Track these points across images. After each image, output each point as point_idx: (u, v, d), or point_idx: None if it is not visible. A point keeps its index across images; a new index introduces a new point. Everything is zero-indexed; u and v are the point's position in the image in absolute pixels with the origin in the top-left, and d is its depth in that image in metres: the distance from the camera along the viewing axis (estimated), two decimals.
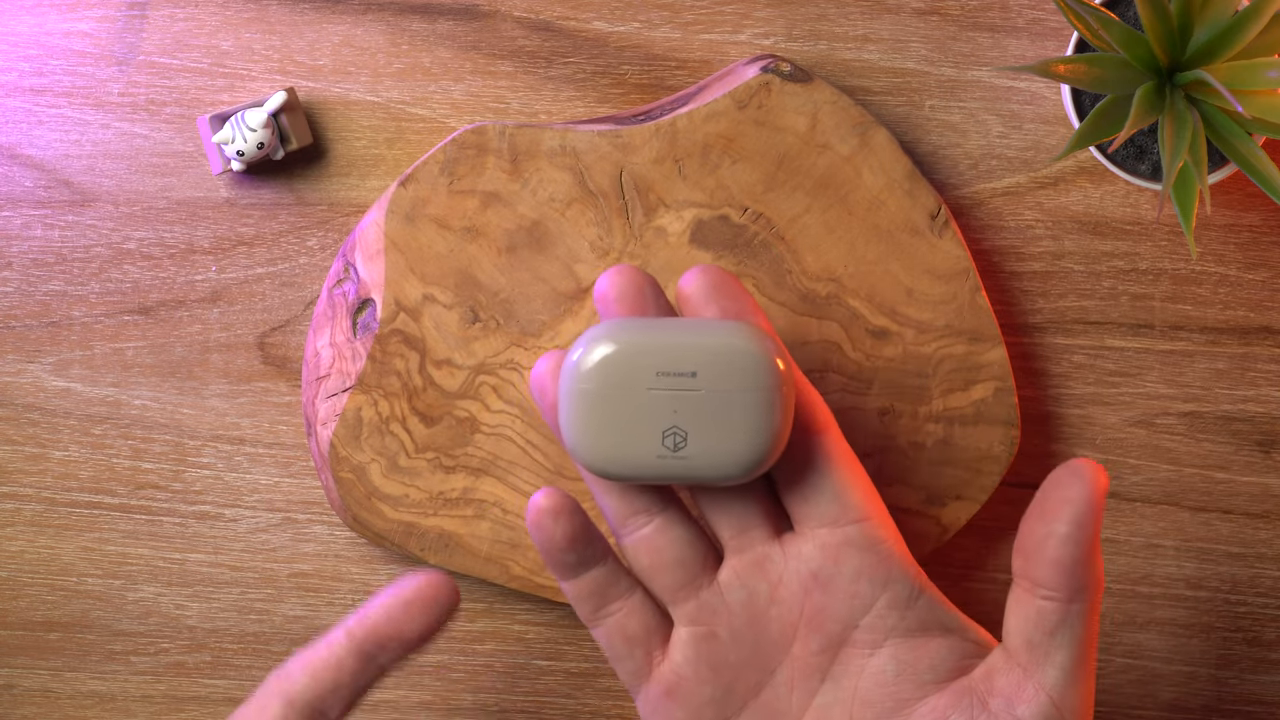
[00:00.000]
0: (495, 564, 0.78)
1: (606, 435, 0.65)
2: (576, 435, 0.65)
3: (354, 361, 0.77)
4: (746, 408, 0.65)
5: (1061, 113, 0.79)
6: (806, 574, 0.66)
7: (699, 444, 0.65)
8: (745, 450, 0.65)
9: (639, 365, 0.65)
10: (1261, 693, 0.81)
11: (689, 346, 0.65)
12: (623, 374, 0.65)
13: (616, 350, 0.65)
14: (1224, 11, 0.70)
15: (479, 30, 0.80)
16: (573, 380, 0.65)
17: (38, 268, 0.81)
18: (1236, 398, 0.80)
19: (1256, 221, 0.79)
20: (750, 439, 0.65)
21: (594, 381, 0.65)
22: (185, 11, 0.80)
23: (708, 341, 0.65)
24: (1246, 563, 0.81)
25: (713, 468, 0.65)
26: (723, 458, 0.65)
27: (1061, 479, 0.63)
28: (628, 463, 0.65)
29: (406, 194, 0.77)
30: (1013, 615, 0.64)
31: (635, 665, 0.68)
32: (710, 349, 0.65)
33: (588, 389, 0.65)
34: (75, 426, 0.82)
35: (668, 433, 0.65)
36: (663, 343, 0.65)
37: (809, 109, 0.76)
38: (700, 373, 0.65)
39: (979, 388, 0.77)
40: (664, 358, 0.65)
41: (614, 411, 0.65)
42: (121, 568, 0.83)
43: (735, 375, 0.65)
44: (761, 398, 0.65)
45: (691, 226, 0.76)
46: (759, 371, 0.64)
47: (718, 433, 0.65)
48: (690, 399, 0.65)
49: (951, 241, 0.76)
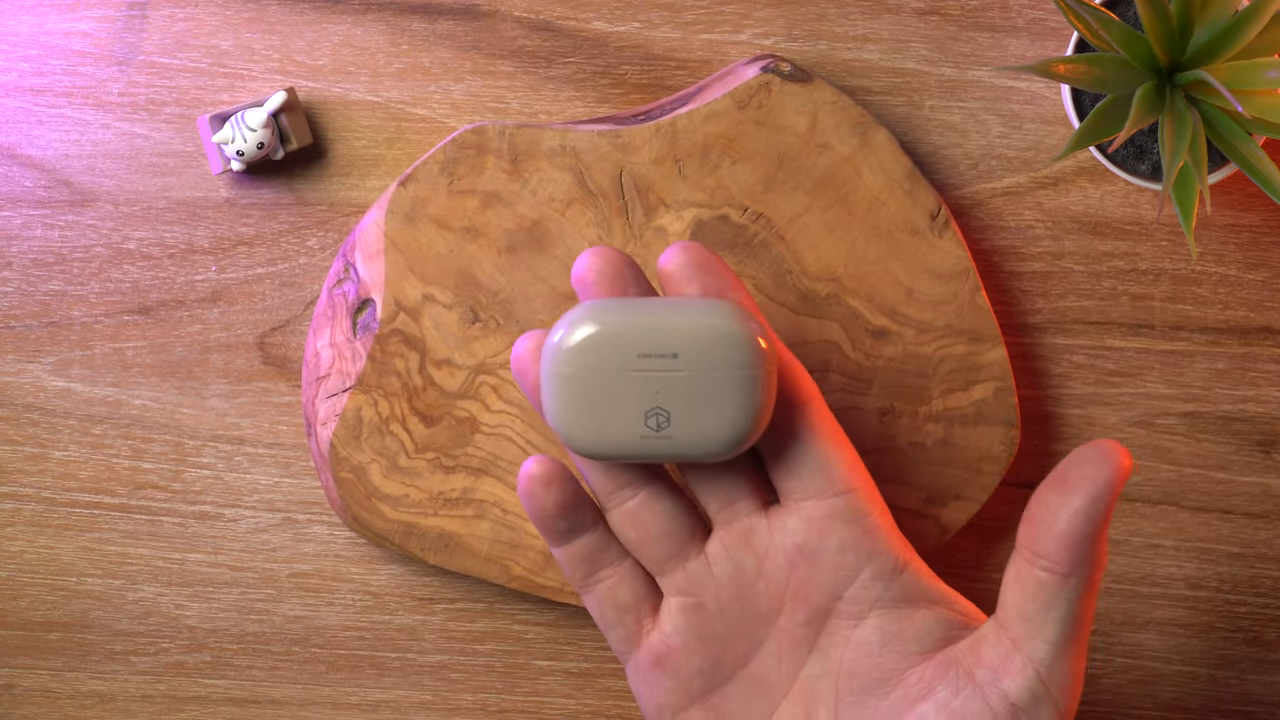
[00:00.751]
0: (495, 564, 0.78)
1: (589, 416, 0.65)
2: (559, 416, 0.66)
3: (354, 361, 0.77)
4: (729, 386, 0.65)
5: (1061, 113, 0.79)
6: (791, 547, 0.67)
7: (682, 423, 0.65)
8: (728, 428, 0.65)
9: (620, 347, 0.65)
10: (1261, 693, 0.81)
11: (670, 327, 0.65)
12: (604, 356, 0.65)
13: (597, 333, 0.65)
14: (1224, 11, 0.70)
15: (479, 30, 0.80)
16: (554, 363, 0.65)
17: (38, 268, 0.81)
18: (1236, 398, 0.80)
19: (1256, 221, 0.79)
20: (733, 417, 0.65)
21: (575, 364, 0.65)
22: (185, 11, 0.80)
23: (689, 321, 0.65)
24: (1246, 563, 0.81)
25: (696, 446, 0.65)
26: (706, 436, 0.65)
27: (1087, 455, 0.63)
28: (611, 443, 0.66)
29: (406, 194, 0.77)
30: (1009, 587, 0.64)
31: (625, 633, 0.68)
32: (691, 329, 0.65)
33: (569, 371, 0.65)
34: (75, 426, 0.82)
35: (650, 413, 0.65)
36: (643, 324, 0.65)
37: (809, 109, 0.76)
38: (682, 353, 0.65)
39: (979, 388, 0.77)
40: (645, 339, 0.65)
41: (596, 393, 0.65)
42: (121, 568, 0.83)
43: (717, 355, 0.65)
44: (744, 376, 0.65)
45: (691, 226, 0.76)
46: (741, 350, 0.65)
47: (701, 412, 0.65)
48: (672, 379, 0.65)
49: (951, 241, 0.76)
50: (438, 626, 0.83)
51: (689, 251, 0.67)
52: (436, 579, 0.82)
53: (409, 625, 0.83)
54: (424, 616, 0.83)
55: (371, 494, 0.78)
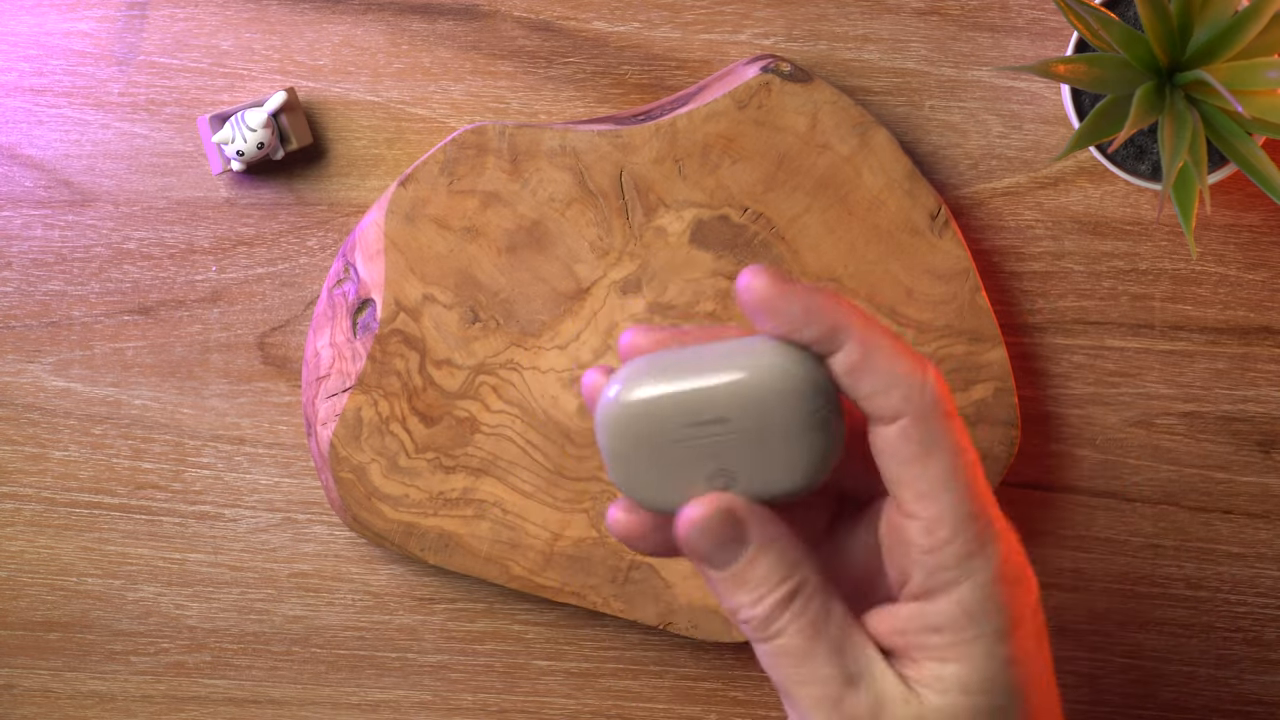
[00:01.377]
0: (495, 564, 0.78)
1: (650, 480, 0.60)
2: (619, 477, 0.61)
3: (354, 362, 0.77)
4: (789, 437, 0.60)
5: (1061, 113, 0.79)
6: None
7: (748, 478, 0.60)
8: (798, 473, 0.60)
9: (665, 420, 0.60)
10: (1261, 693, 0.81)
11: (712, 390, 0.60)
12: (651, 428, 0.60)
13: (638, 406, 0.60)
14: (1224, 11, 0.70)
15: (479, 30, 0.80)
16: (605, 434, 0.60)
17: (38, 268, 0.81)
18: (1236, 398, 0.80)
19: (1256, 221, 0.79)
20: (800, 463, 0.60)
21: (624, 439, 0.60)
22: (185, 11, 0.80)
23: (733, 381, 0.60)
24: (1246, 563, 0.81)
25: (769, 493, 0.60)
26: (776, 484, 0.60)
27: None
28: (679, 503, 0.60)
29: (406, 194, 0.77)
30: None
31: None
32: (735, 389, 0.60)
33: (619, 445, 0.60)
34: (75, 426, 0.82)
35: (712, 476, 0.60)
36: (684, 392, 0.60)
37: (809, 109, 0.76)
38: (732, 417, 0.59)
39: (979, 388, 0.77)
40: (688, 408, 0.60)
41: (652, 460, 0.60)
42: (121, 568, 0.83)
43: (766, 412, 0.60)
44: (797, 423, 0.60)
45: (691, 226, 0.76)
46: (785, 400, 0.59)
47: (765, 464, 0.60)
48: (727, 442, 0.60)
49: (951, 242, 0.76)
50: (438, 626, 0.83)
51: (756, 282, 0.58)
52: (436, 579, 0.82)
53: (409, 625, 0.83)
54: (424, 616, 0.83)
55: (371, 494, 0.78)
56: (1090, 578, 0.81)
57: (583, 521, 0.77)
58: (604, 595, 0.78)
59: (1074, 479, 0.81)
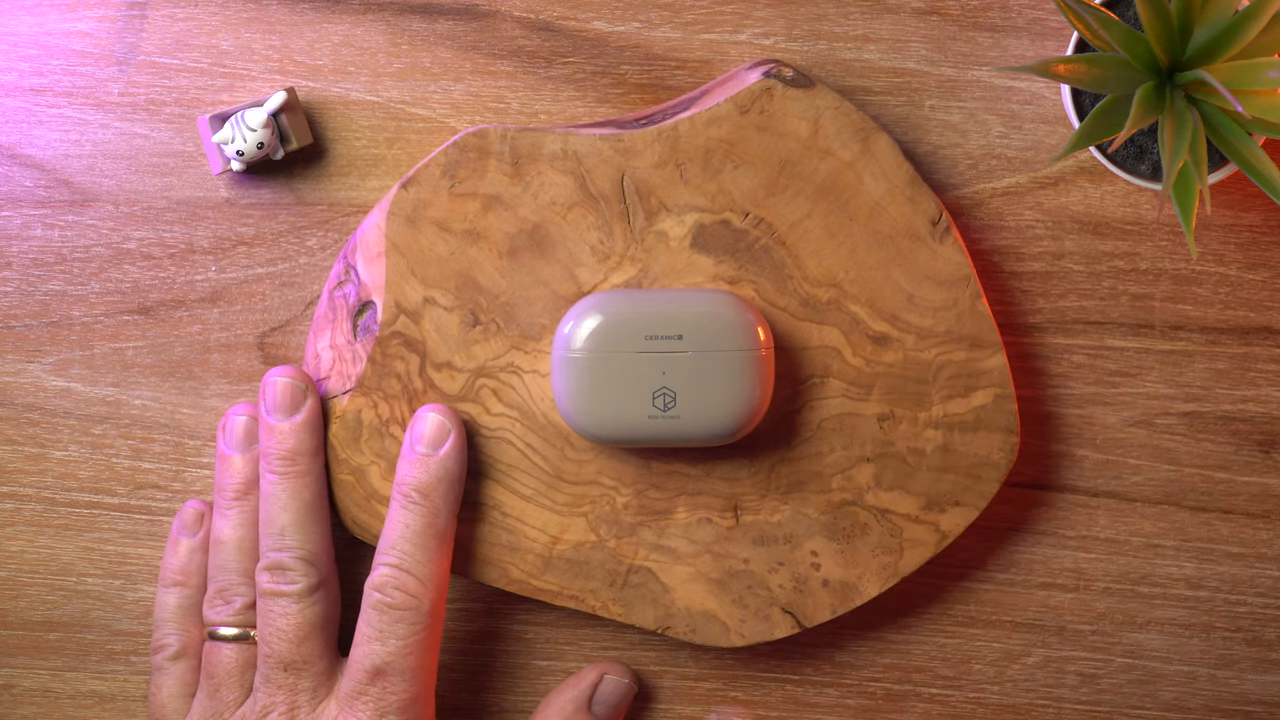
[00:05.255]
0: (494, 566, 0.78)
1: (599, 399, 0.71)
2: (569, 401, 0.71)
3: (354, 364, 0.77)
4: (731, 368, 0.70)
5: (1061, 113, 0.79)
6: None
7: (687, 404, 0.70)
8: (731, 410, 0.71)
9: (628, 330, 0.71)
10: (1261, 693, 0.81)
11: (675, 313, 0.71)
12: (613, 339, 0.71)
13: (606, 318, 0.71)
14: (1224, 11, 0.70)
15: (479, 30, 0.80)
16: (564, 349, 0.71)
17: (38, 268, 0.81)
18: (1236, 398, 0.80)
19: (1256, 221, 0.79)
20: (736, 399, 0.71)
21: (585, 349, 0.70)
22: (185, 11, 0.80)
23: (692, 308, 0.71)
24: (1246, 563, 0.81)
25: (701, 427, 0.71)
26: (710, 418, 0.71)
27: None
28: (620, 425, 0.71)
29: (408, 196, 0.77)
30: None
31: None
32: (695, 314, 0.71)
33: (579, 356, 0.70)
34: (75, 426, 0.82)
35: (657, 393, 0.70)
36: (650, 310, 0.71)
37: (811, 114, 0.76)
38: (686, 335, 0.70)
39: (979, 394, 0.77)
40: (651, 322, 0.70)
41: (605, 376, 0.70)
42: (121, 568, 0.83)
43: (720, 338, 0.70)
44: (745, 359, 0.70)
45: (693, 231, 0.76)
46: (742, 334, 0.70)
47: (705, 393, 0.71)
48: (678, 360, 0.70)
49: (952, 248, 0.76)
50: None
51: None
52: None
53: None
54: None
55: (371, 496, 0.78)
56: (1090, 578, 0.81)
57: (582, 525, 0.77)
58: (602, 599, 0.78)
59: (1074, 479, 0.81)
